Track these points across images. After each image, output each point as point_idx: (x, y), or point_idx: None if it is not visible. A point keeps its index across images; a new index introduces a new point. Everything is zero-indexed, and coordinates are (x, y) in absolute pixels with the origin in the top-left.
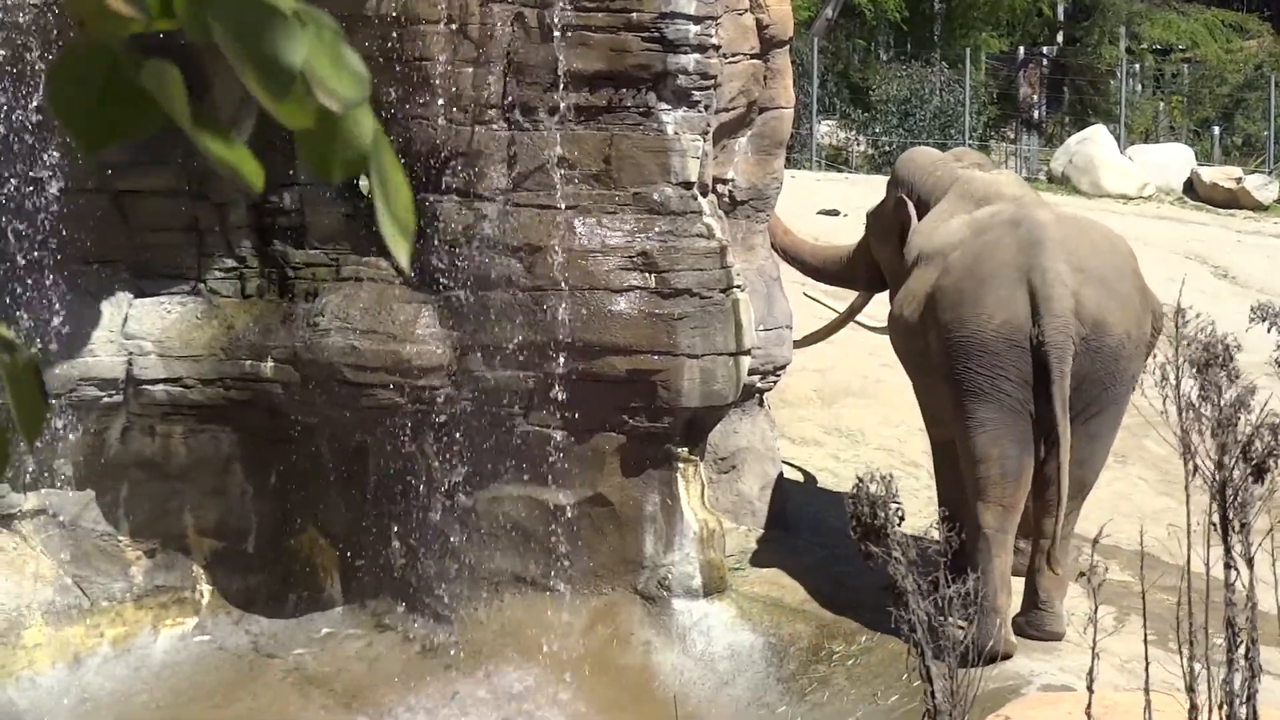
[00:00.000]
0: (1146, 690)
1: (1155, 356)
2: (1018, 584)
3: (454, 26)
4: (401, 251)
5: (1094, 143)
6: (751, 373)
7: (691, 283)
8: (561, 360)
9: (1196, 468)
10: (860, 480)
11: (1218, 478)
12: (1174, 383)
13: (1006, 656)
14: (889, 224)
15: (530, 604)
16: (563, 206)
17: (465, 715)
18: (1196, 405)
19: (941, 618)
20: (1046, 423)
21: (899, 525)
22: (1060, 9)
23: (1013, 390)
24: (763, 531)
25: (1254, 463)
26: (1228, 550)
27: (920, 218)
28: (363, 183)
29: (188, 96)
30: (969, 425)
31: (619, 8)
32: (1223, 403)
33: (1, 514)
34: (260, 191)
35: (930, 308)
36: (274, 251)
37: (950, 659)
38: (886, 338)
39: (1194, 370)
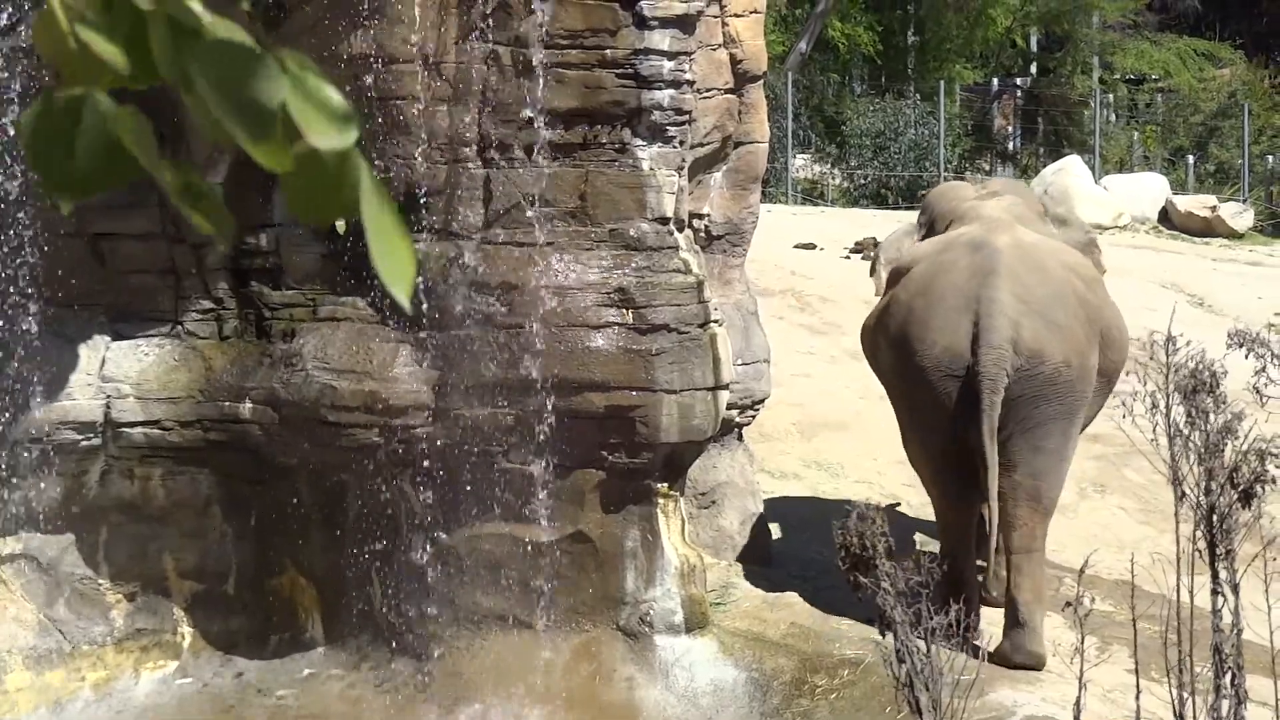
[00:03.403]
0: (1138, 717)
1: (1144, 384)
2: (998, 612)
3: (429, 65)
4: (401, 294)
5: (1069, 173)
6: (730, 407)
7: (669, 318)
8: (540, 397)
9: (1184, 494)
10: (850, 511)
11: (1205, 504)
12: (1164, 410)
13: (970, 600)
14: None
15: (512, 641)
16: (539, 244)
17: None
18: (1185, 432)
19: (926, 645)
20: (978, 449)
21: (888, 556)
22: (1033, 40)
23: (947, 424)
24: (744, 566)
25: (1240, 488)
26: (1215, 577)
27: None
28: (339, 223)
29: (160, 148)
30: (912, 449)
31: (593, 44)
32: (1210, 429)
33: None
34: (229, 247)
35: (884, 320)
36: (251, 293)
37: (936, 688)
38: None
39: (1181, 397)
